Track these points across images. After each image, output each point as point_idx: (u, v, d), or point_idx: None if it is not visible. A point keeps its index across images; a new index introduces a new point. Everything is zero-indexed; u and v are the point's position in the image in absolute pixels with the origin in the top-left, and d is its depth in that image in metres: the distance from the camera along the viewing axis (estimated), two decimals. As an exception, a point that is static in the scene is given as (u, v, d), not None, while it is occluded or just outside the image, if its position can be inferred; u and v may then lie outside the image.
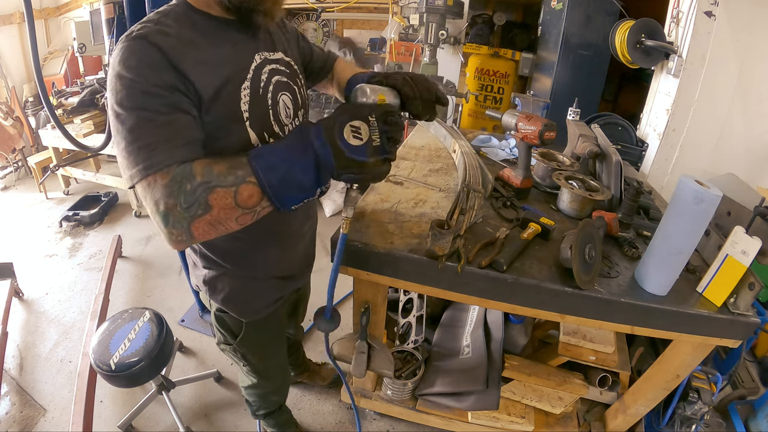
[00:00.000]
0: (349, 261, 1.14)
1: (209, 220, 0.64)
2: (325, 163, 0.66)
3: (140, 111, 0.64)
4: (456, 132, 1.86)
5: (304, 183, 0.67)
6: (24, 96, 3.81)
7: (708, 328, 1.03)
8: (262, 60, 0.84)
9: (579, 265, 1.00)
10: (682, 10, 2.03)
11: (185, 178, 0.63)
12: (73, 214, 3.00)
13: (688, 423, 1.41)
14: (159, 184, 0.63)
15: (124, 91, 0.64)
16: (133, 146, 0.64)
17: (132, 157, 0.64)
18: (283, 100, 0.88)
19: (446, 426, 1.53)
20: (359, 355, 1.26)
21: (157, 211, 0.63)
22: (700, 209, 0.94)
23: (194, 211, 0.63)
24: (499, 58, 3.53)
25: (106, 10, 1.96)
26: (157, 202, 0.63)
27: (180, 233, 0.64)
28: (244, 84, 0.79)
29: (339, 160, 0.66)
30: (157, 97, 0.65)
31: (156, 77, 0.66)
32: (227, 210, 0.64)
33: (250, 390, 1.35)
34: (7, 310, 2.02)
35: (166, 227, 0.63)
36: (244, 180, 0.64)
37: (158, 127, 0.64)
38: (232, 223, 0.67)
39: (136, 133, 0.64)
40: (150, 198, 0.63)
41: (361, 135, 0.66)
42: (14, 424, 1.65)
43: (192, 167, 0.64)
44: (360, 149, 0.66)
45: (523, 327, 1.61)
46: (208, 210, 0.63)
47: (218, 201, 0.63)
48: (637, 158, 2.32)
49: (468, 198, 1.29)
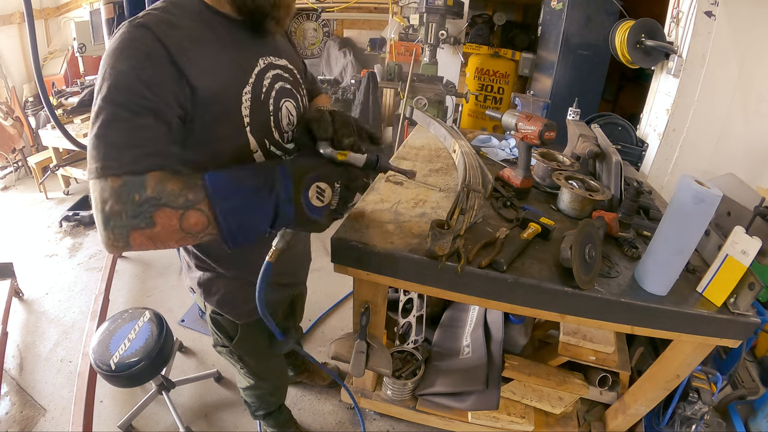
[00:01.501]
0: (349, 261, 1.14)
1: (150, 235, 0.62)
2: (283, 218, 0.68)
3: (119, 108, 0.62)
4: (456, 132, 1.86)
5: (260, 229, 0.68)
6: (24, 96, 3.81)
7: (708, 328, 1.03)
8: (267, 65, 0.83)
9: (579, 265, 1.00)
10: (682, 10, 2.03)
11: (135, 188, 0.61)
12: (73, 214, 3.00)
13: (688, 423, 1.41)
14: (110, 185, 0.61)
15: (111, 81, 0.63)
16: (100, 141, 0.62)
17: (95, 151, 0.62)
18: (286, 107, 0.86)
19: (446, 426, 1.53)
20: (358, 354, 1.26)
21: (101, 210, 0.61)
22: (700, 209, 0.94)
23: (137, 222, 0.61)
24: (499, 58, 3.54)
25: (106, 10, 1.96)
26: (104, 202, 0.61)
27: (117, 239, 0.62)
28: (246, 89, 0.77)
29: (298, 218, 0.68)
30: (141, 97, 0.63)
31: (149, 71, 0.64)
32: (170, 231, 0.63)
33: (248, 391, 1.35)
34: (7, 310, 2.02)
35: (105, 229, 0.62)
36: (194, 205, 0.63)
37: (131, 130, 0.63)
38: (172, 242, 0.65)
39: (108, 128, 0.62)
40: (99, 196, 0.62)
41: (323, 198, 0.69)
42: (14, 424, 1.65)
43: (146, 179, 0.62)
44: (319, 210, 0.69)
45: (523, 327, 1.61)
46: (151, 226, 0.62)
47: (163, 220, 0.62)
48: (637, 158, 2.32)
49: (468, 198, 1.28)
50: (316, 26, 4.38)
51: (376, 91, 2.77)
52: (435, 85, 2.74)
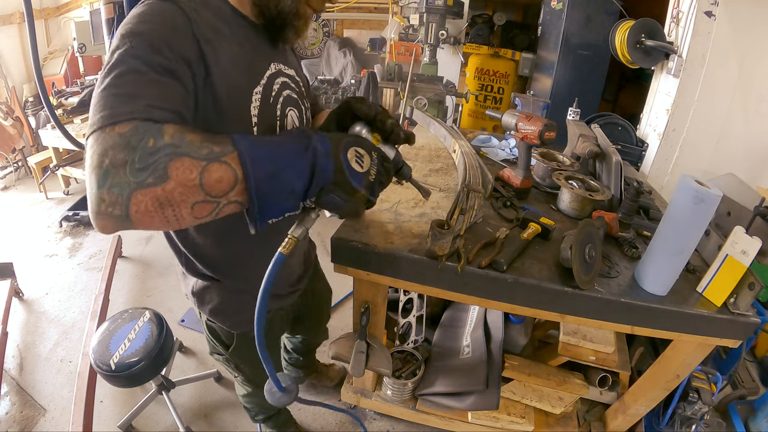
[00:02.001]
0: (349, 261, 1.14)
1: (158, 195, 0.49)
2: (321, 173, 0.58)
3: (137, 61, 0.55)
4: (456, 132, 1.86)
5: (296, 187, 0.58)
6: (24, 96, 3.81)
7: (708, 328, 1.03)
8: (277, 70, 0.82)
9: (579, 265, 1.00)
10: (682, 10, 2.03)
11: (149, 133, 0.50)
12: (73, 214, 3.00)
13: (688, 423, 1.41)
14: (116, 132, 0.50)
15: (132, 37, 0.57)
16: (109, 92, 0.53)
17: (102, 102, 0.52)
18: (291, 115, 0.85)
19: (446, 426, 1.53)
20: (358, 354, 1.26)
21: (99, 165, 0.49)
22: (700, 209, 0.94)
23: (145, 176, 0.49)
24: (499, 58, 3.54)
25: (106, 10, 1.96)
26: (103, 154, 0.49)
27: (114, 202, 0.48)
28: (257, 88, 0.75)
29: (337, 175, 0.59)
30: (163, 57, 0.57)
31: (173, 36, 0.60)
32: (186, 188, 0.51)
33: (246, 398, 1.35)
34: (7, 310, 2.02)
35: (99, 189, 0.48)
36: (219, 158, 0.52)
37: (149, 83, 0.55)
38: (185, 209, 0.52)
39: (122, 80, 0.54)
40: (97, 149, 0.50)
41: (362, 163, 0.62)
42: (14, 424, 1.65)
43: (162, 126, 0.51)
44: (359, 176, 0.61)
45: (523, 327, 1.61)
46: (163, 181, 0.49)
47: (180, 173, 0.50)
48: (637, 158, 2.32)
49: (468, 198, 1.28)
50: (316, 26, 4.37)
51: (376, 91, 2.77)
52: (435, 85, 2.73)
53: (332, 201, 0.60)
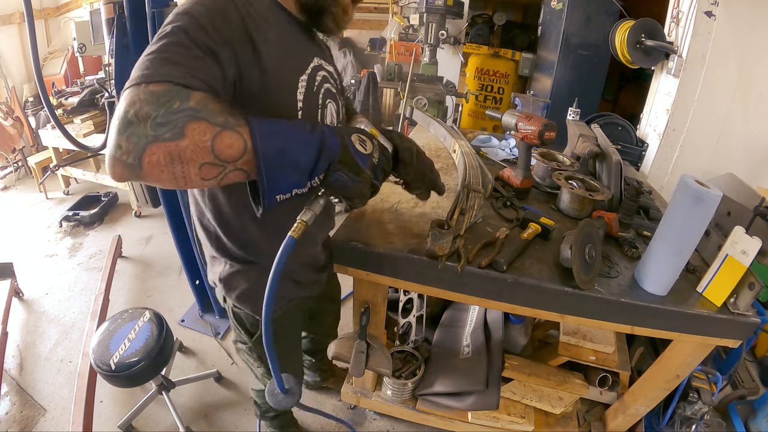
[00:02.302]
0: (349, 261, 1.14)
1: (172, 150, 0.53)
2: (328, 149, 0.62)
3: (186, 36, 0.61)
4: (456, 132, 1.86)
5: (301, 162, 0.61)
6: (24, 96, 3.81)
7: (708, 328, 1.03)
8: (319, 64, 0.86)
9: (579, 265, 1.00)
10: (682, 10, 2.03)
11: (178, 96, 0.55)
12: (73, 214, 3.00)
13: (688, 423, 1.41)
14: (149, 89, 0.55)
15: (186, 16, 0.63)
16: (154, 56, 0.59)
17: (144, 63, 0.58)
18: (330, 107, 0.90)
19: (446, 426, 1.53)
20: (358, 354, 1.26)
21: (124, 114, 0.53)
22: (700, 209, 0.94)
23: (163, 131, 0.53)
24: (499, 58, 3.54)
25: (106, 10, 1.95)
26: (131, 105, 0.53)
27: (129, 151, 0.52)
28: (302, 76, 0.80)
29: (344, 153, 0.64)
30: (208, 37, 0.63)
31: (220, 23, 0.65)
32: (198, 148, 0.55)
33: (259, 393, 1.35)
34: (7, 310, 2.02)
35: (119, 135, 0.52)
36: (233, 127, 0.57)
37: (192, 57, 0.61)
38: (194, 168, 0.55)
39: (168, 48, 0.60)
40: (128, 100, 0.54)
41: (366, 147, 0.68)
42: (14, 424, 1.65)
43: (191, 92, 0.57)
44: (363, 156, 0.66)
45: (523, 327, 1.61)
46: (179, 138, 0.53)
47: (195, 134, 0.54)
48: (637, 158, 2.32)
49: (468, 198, 1.28)
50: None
51: (376, 91, 2.77)
52: (435, 85, 2.73)
53: (340, 179, 0.63)
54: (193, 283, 2.08)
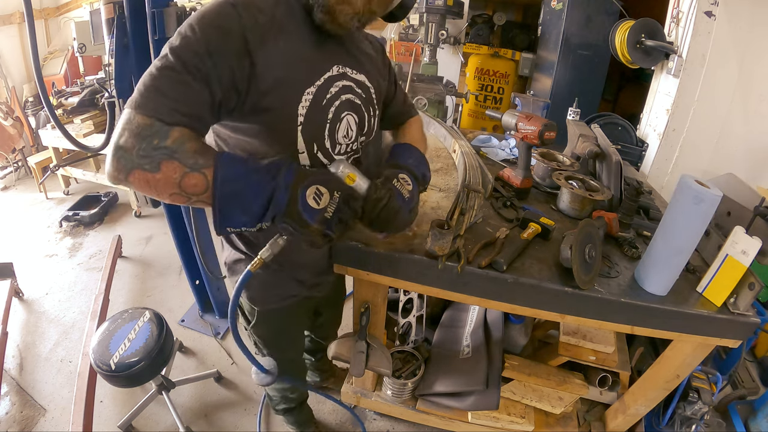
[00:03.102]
0: (349, 261, 1.14)
1: (149, 179, 0.65)
2: (275, 204, 0.68)
3: (178, 62, 0.66)
4: (456, 132, 1.86)
5: (252, 209, 0.68)
6: (24, 96, 3.81)
7: (708, 328, 1.03)
8: (340, 73, 0.84)
9: (579, 265, 1.00)
10: (682, 10, 2.03)
11: (158, 135, 0.64)
12: (73, 214, 3.00)
13: (688, 423, 1.41)
14: (137, 121, 0.64)
15: (183, 39, 0.67)
16: (150, 82, 0.66)
17: (143, 87, 0.66)
18: (347, 120, 0.87)
19: (446, 426, 1.53)
20: (358, 354, 1.26)
21: (118, 139, 0.64)
22: (700, 209, 0.94)
23: (143, 162, 0.64)
24: (499, 58, 3.54)
25: (106, 10, 1.95)
26: (123, 131, 0.64)
27: (119, 171, 0.65)
28: (309, 89, 0.78)
29: (290, 207, 0.68)
30: (200, 62, 0.67)
31: (217, 42, 0.68)
32: (169, 183, 0.65)
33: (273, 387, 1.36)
34: (7, 310, 2.02)
35: (112, 157, 0.65)
36: (200, 169, 0.66)
37: (179, 84, 0.66)
38: (165, 195, 0.67)
39: (161, 74, 0.66)
40: (123, 126, 0.65)
41: (319, 201, 0.70)
42: (14, 424, 1.65)
43: (171, 130, 0.65)
44: (312, 212, 0.69)
45: (523, 327, 1.61)
46: (155, 171, 0.64)
47: (168, 171, 0.64)
48: (637, 158, 2.32)
49: (468, 198, 1.28)
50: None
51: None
52: (435, 85, 2.73)
53: (286, 228, 0.70)
54: (193, 283, 2.08)
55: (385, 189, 0.79)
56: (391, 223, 0.82)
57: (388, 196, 0.79)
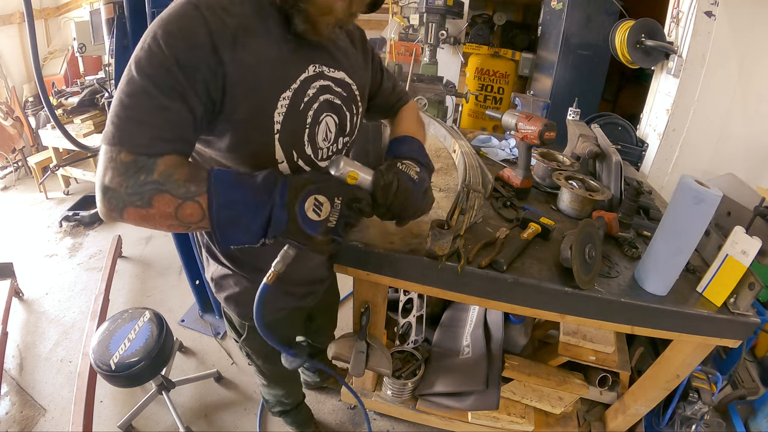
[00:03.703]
0: (349, 261, 1.14)
1: (144, 215, 0.63)
2: (275, 224, 0.65)
3: (149, 82, 0.61)
4: (456, 132, 1.86)
5: (252, 229, 0.66)
6: (24, 96, 3.81)
7: (708, 328, 1.03)
8: (316, 73, 0.77)
9: (579, 265, 1.00)
10: (682, 10, 2.03)
11: (144, 170, 0.61)
12: (73, 214, 3.00)
13: (688, 423, 1.41)
14: (119, 159, 0.61)
15: (148, 53, 0.61)
16: (124, 113, 0.62)
17: (116, 118, 0.62)
18: (326, 122, 0.81)
19: (446, 426, 1.53)
20: (358, 354, 1.26)
21: (103, 179, 0.62)
22: (700, 209, 0.94)
23: (134, 200, 0.61)
24: (499, 58, 3.54)
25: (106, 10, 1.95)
26: (106, 169, 0.61)
27: (112, 210, 0.62)
28: (285, 93, 0.72)
29: (290, 225, 0.65)
30: (173, 78, 0.62)
31: (186, 52, 0.62)
32: (164, 216, 0.63)
33: (263, 389, 1.37)
34: (7, 310, 2.02)
35: (102, 198, 0.62)
36: (193, 197, 0.63)
37: (156, 109, 0.62)
38: (163, 227, 0.66)
39: (135, 101, 0.61)
40: (104, 165, 0.62)
41: (320, 212, 0.67)
42: (14, 424, 1.65)
43: (156, 163, 0.62)
44: (314, 224, 0.66)
45: (523, 327, 1.61)
46: (147, 206, 0.62)
47: (160, 205, 0.62)
48: (637, 158, 2.32)
49: (468, 198, 1.28)
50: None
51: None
52: (435, 85, 2.73)
53: (291, 244, 0.69)
54: (193, 283, 2.08)
55: (391, 173, 0.75)
56: (408, 205, 0.77)
57: (397, 178, 0.74)
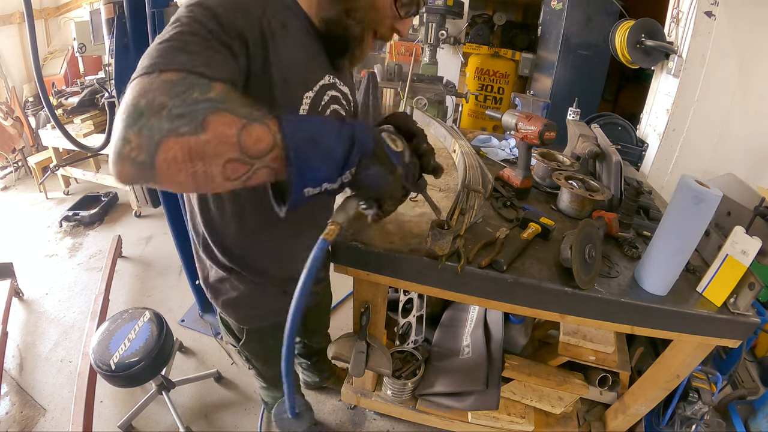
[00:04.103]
0: (349, 261, 1.14)
1: (192, 145, 0.46)
2: (361, 142, 0.56)
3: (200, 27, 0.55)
4: (456, 132, 1.86)
5: (334, 152, 0.54)
6: (24, 96, 3.81)
7: (708, 328, 1.03)
8: (330, 83, 0.81)
9: (579, 265, 1.00)
10: (682, 10, 2.03)
11: (197, 87, 0.49)
12: (73, 214, 3.00)
13: (688, 423, 1.41)
14: (161, 79, 0.49)
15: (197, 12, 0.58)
16: (166, 44, 0.53)
17: (155, 52, 0.52)
18: None
19: (446, 426, 1.53)
20: (358, 354, 1.26)
21: (133, 105, 0.46)
22: (700, 209, 0.94)
23: (179, 124, 0.45)
24: (499, 58, 3.54)
25: (106, 10, 1.95)
26: (142, 94, 0.47)
27: (141, 146, 0.45)
28: (308, 93, 0.76)
29: (376, 149, 0.58)
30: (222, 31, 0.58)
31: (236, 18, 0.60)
32: (222, 143, 0.47)
33: (263, 391, 1.36)
34: (7, 310, 2.02)
35: (127, 129, 0.45)
36: (261, 120, 0.50)
37: (208, 47, 0.56)
38: (217, 166, 0.48)
39: (182, 37, 0.54)
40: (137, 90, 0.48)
41: (396, 145, 0.63)
42: (14, 424, 1.65)
43: (212, 83, 0.50)
44: (396, 154, 0.61)
45: (523, 327, 1.61)
46: (199, 131, 0.46)
47: (218, 125, 0.47)
48: (637, 158, 2.32)
49: (468, 198, 1.28)
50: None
51: (375, 91, 2.76)
52: (435, 85, 2.73)
53: (372, 175, 0.58)
54: (193, 283, 2.08)
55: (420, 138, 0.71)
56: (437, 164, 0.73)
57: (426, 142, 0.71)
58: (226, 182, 0.50)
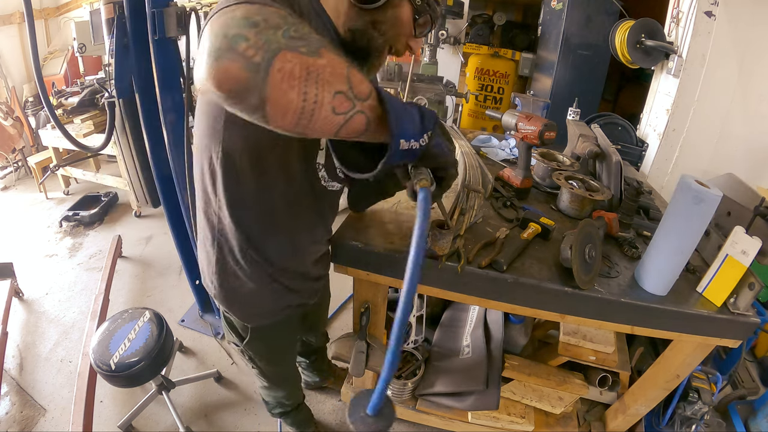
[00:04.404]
0: (349, 261, 1.14)
1: (310, 64, 0.45)
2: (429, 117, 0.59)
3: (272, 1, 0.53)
4: (456, 132, 1.86)
5: (413, 114, 0.58)
6: (24, 96, 3.81)
7: (708, 328, 1.03)
8: None
9: (579, 265, 1.00)
10: (682, 10, 2.03)
11: (304, 24, 0.48)
12: (73, 214, 3.00)
13: (688, 423, 1.41)
14: (271, 9, 0.47)
15: None
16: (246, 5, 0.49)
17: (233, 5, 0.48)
18: None
19: (446, 426, 1.53)
20: (358, 354, 1.26)
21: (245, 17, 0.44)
22: (700, 209, 0.94)
23: (297, 44, 0.44)
24: (499, 58, 3.54)
25: (106, 10, 1.95)
26: (254, 12, 0.45)
27: (259, 47, 0.42)
28: None
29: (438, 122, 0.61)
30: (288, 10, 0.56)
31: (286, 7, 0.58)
32: (335, 72, 0.48)
33: (263, 391, 1.36)
34: (7, 310, 2.02)
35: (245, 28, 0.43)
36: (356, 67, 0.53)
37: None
38: (329, 93, 0.47)
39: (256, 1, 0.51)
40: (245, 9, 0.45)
41: None
42: (14, 424, 1.65)
43: None
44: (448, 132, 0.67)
45: (523, 327, 1.61)
46: (315, 55, 0.46)
47: (331, 58, 0.48)
48: (637, 158, 2.32)
49: (468, 198, 1.29)
50: (316, 26, 4.37)
51: (376, 91, 2.77)
52: (435, 85, 2.73)
53: (440, 144, 0.62)
54: (193, 283, 2.08)
55: None
56: None
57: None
58: (331, 115, 0.49)
